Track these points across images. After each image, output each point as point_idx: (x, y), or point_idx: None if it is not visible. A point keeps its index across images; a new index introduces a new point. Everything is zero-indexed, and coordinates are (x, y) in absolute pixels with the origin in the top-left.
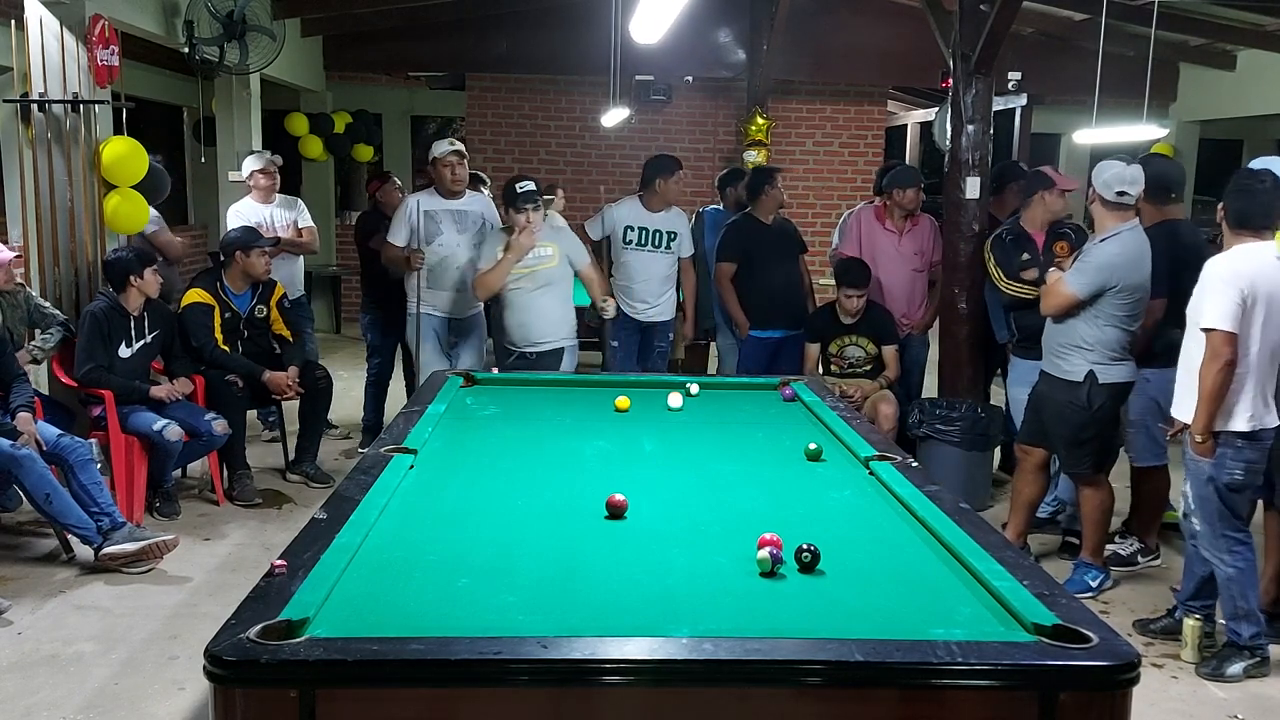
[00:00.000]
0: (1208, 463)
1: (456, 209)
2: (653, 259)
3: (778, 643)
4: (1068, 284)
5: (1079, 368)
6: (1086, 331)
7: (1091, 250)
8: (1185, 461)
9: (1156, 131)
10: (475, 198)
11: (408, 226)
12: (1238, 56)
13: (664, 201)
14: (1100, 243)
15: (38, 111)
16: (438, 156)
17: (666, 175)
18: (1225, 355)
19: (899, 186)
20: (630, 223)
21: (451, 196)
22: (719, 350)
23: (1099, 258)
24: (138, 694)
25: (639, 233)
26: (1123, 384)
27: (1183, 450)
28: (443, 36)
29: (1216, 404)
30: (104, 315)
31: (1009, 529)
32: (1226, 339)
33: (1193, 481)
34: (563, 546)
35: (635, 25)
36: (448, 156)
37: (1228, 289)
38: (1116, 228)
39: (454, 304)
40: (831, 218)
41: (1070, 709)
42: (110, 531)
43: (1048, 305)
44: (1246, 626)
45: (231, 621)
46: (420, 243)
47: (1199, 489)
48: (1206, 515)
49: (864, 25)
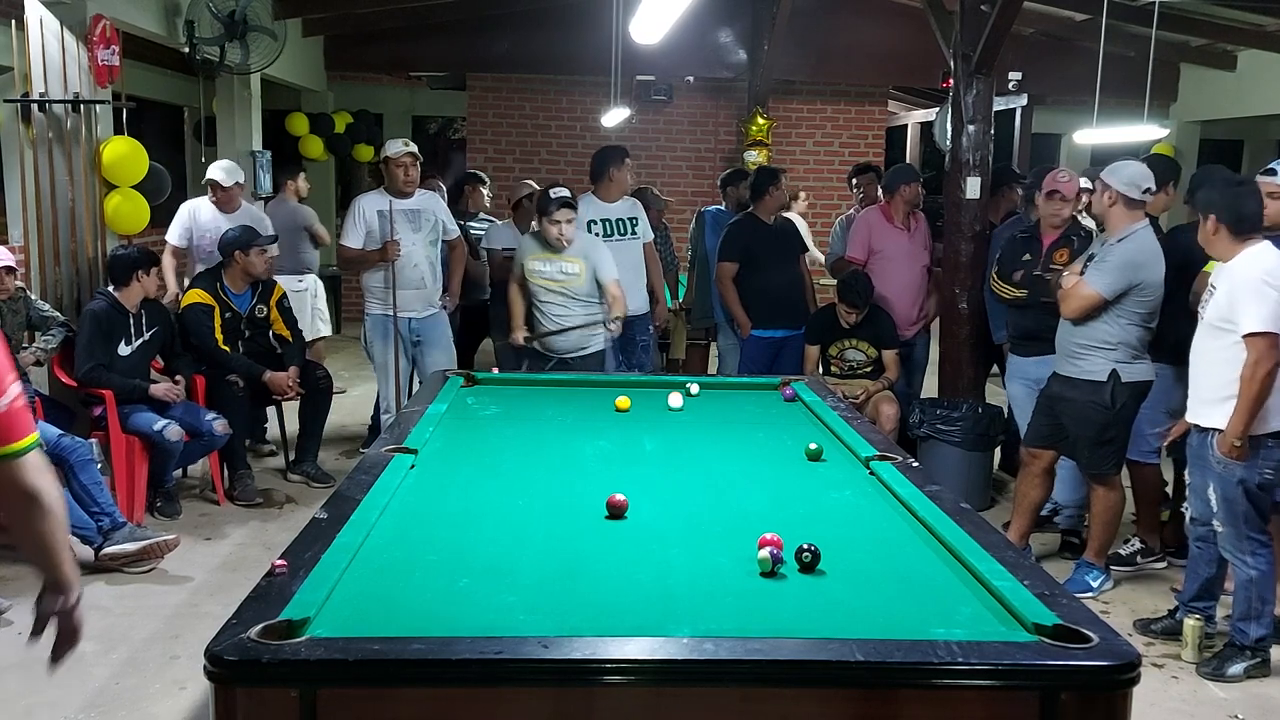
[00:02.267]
0: (1239, 465)
1: (409, 208)
2: (619, 248)
3: (778, 643)
4: (1091, 285)
5: (1102, 367)
6: (1109, 331)
7: (1112, 250)
8: (1207, 465)
9: (1157, 131)
10: (426, 196)
11: (361, 228)
12: (1238, 57)
13: (620, 190)
14: (1118, 243)
15: (38, 111)
16: (391, 156)
17: (618, 163)
18: (1275, 358)
19: (904, 182)
20: (592, 217)
21: (402, 196)
22: (720, 350)
23: (1122, 256)
24: (138, 694)
25: (602, 224)
26: (1145, 382)
27: (1200, 453)
28: (443, 36)
29: (1260, 408)
30: (103, 314)
31: (1012, 531)
32: (1274, 342)
33: (1220, 484)
34: (563, 546)
35: (636, 26)
36: (402, 157)
37: (1269, 291)
38: (1132, 227)
39: (415, 303)
40: (831, 218)
41: (1070, 709)
42: (111, 531)
43: (1070, 308)
44: (1256, 628)
45: (232, 621)
46: (376, 243)
47: (1228, 491)
48: (1232, 517)
49: (864, 25)
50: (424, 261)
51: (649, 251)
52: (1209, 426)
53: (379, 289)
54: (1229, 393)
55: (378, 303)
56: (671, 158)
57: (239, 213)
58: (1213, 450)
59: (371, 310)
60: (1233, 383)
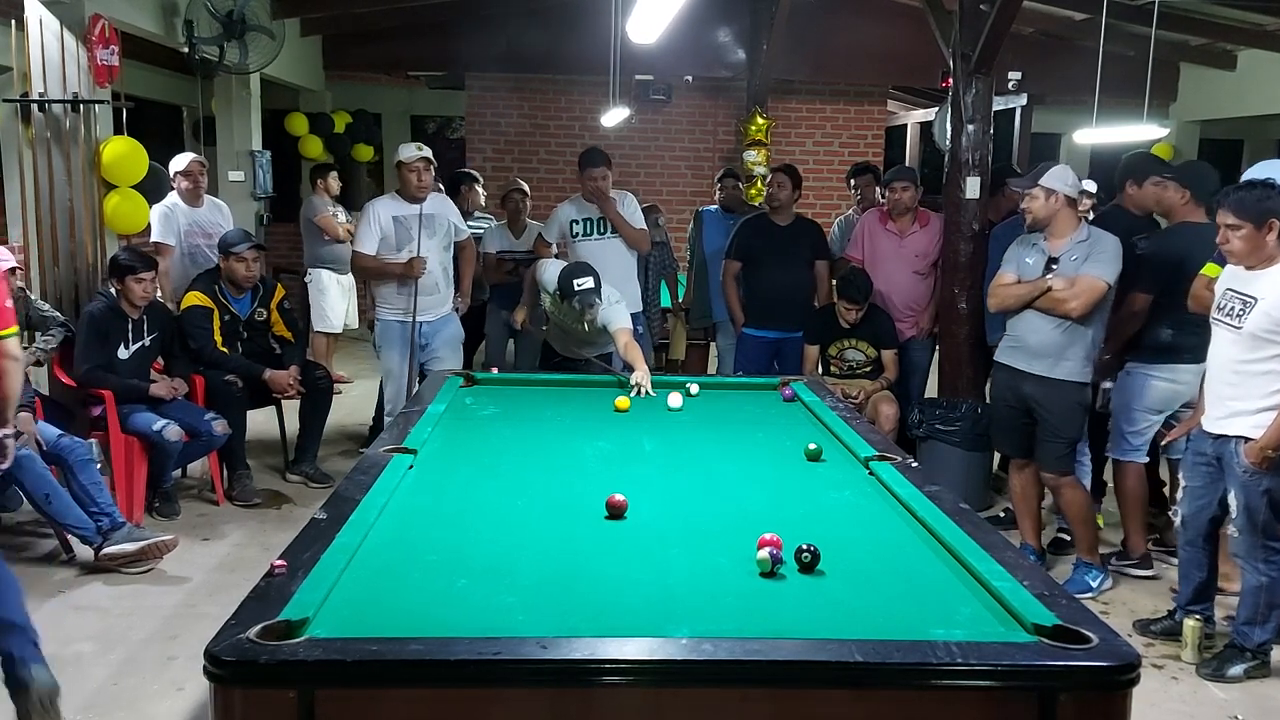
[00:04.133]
0: (1267, 475)
1: (424, 214)
2: (601, 246)
3: (778, 643)
4: (1097, 276)
5: (1085, 368)
6: (1098, 334)
7: (1097, 244)
8: (1228, 472)
9: (1157, 131)
10: (437, 199)
11: (376, 233)
12: (1238, 56)
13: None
14: (1089, 239)
15: (38, 111)
16: (404, 161)
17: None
18: None
19: (886, 184)
20: (575, 216)
21: (414, 201)
22: (719, 350)
23: (1115, 247)
24: (137, 694)
25: (584, 224)
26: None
27: (1219, 460)
28: (442, 36)
29: None
30: (102, 316)
31: (1025, 536)
32: None
33: (1244, 492)
34: (563, 547)
35: (632, 25)
36: (415, 162)
37: None
38: (1083, 225)
39: (428, 308)
40: (831, 218)
41: (1070, 709)
42: (110, 531)
43: (1083, 304)
44: (1260, 633)
45: (231, 622)
46: (392, 250)
47: (1251, 499)
48: (1251, 524)
49: (864, 25)
50: (438, 267)
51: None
52: (1237, 435)
53: (390, 293)
54: (1269, 404)
55: (388, 308)
56: (670, 157)
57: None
58: (1239, 458)
59: (382, 315)
60: (1273, 395)
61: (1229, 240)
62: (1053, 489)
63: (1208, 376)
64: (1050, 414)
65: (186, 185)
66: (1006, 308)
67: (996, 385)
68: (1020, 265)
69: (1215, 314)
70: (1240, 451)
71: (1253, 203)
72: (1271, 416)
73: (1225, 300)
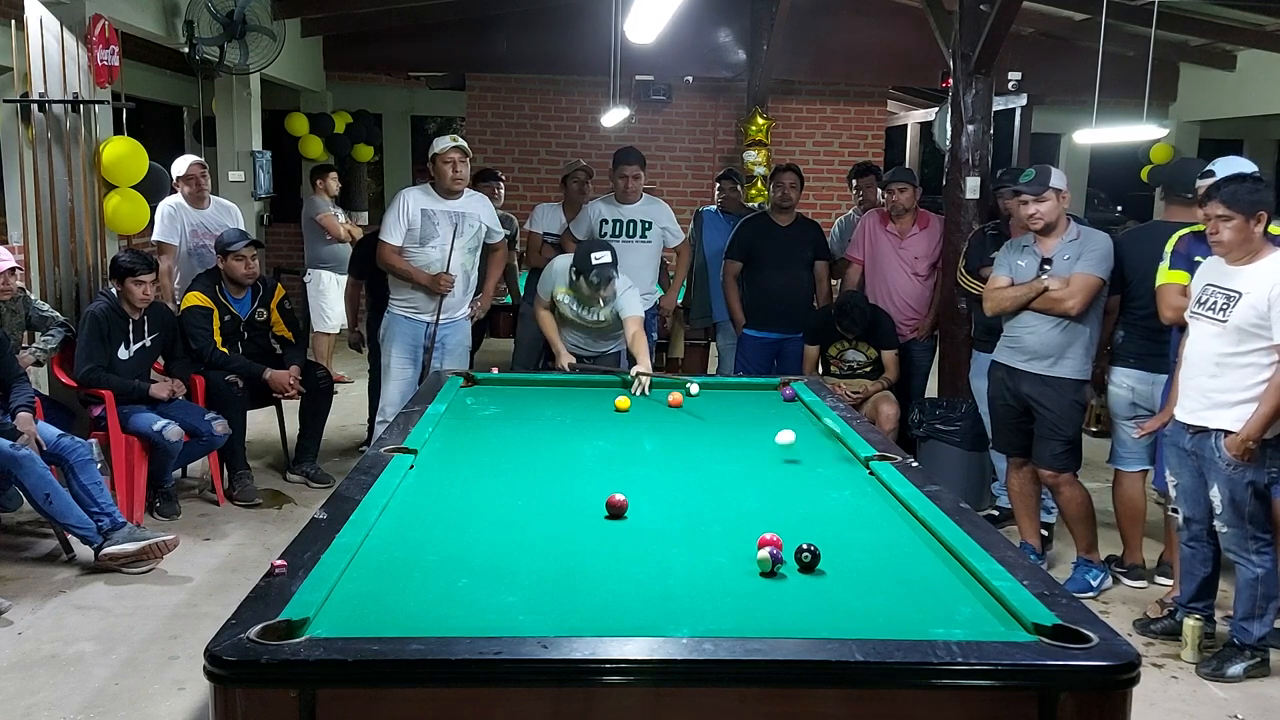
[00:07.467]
0: (1249, 467)
1: (453, 210)
2: (627, 249)
3: (778, 643)
4: (1090, 272)
5: (1084, 367)
6: (1096, 332)
7: (1088, 243)
8: (1210, 466)
9: (1156, 131)
10: (473, 198)
11: (402, 224)
12: (1238, 56)
13: (636, 193)
14: (1079, 238)
15: (38, 111)
16: (439, 153)
17: (623, 165)
18: None
19: (884, 185)
20: (605, 216)
21: (450, 196)
22: (719, 350)
23: (1106, 244)
24: (138, 694)
25: (613, 224)
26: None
27: (1200, 454)
28: (443, 36)
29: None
30: (103, 316)
31: (1024, 535)
32: None
33: (1228, 486)
34: (563, 546)
35: (630, 25)
36: (449, 153)
37: None
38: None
39: (444, 309)
40: (831, 218)
41: (1070, 709)
42: (110, 531)
43: (1080, 301)
44: (1259, 626)
45: (232, 621)
46: (416, 243)
47: (1238, 493)
48: (1238, 517)
49: (864, 25)
50: (459, 270)
51: (681, 250)
52: (1218, 428)
53: (404, 287)
54: (1249, 396)
55: (400, 302)
56: (671, 158)
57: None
58: (1221, 452)
59: (392, 309)
60: (1255, 387)
61: (1219, 231)
62: (1051, 487)
63: (1184, 370)
64: (1050, 412)
65: (189, 189)
66: (1003, 310)
67: (993, 384)
68: (1012, 268)
69: (1195, 308)
70: (1222, 445)
71: (1245, 194)
72: (1252, 409)
73: (1206, 295)
